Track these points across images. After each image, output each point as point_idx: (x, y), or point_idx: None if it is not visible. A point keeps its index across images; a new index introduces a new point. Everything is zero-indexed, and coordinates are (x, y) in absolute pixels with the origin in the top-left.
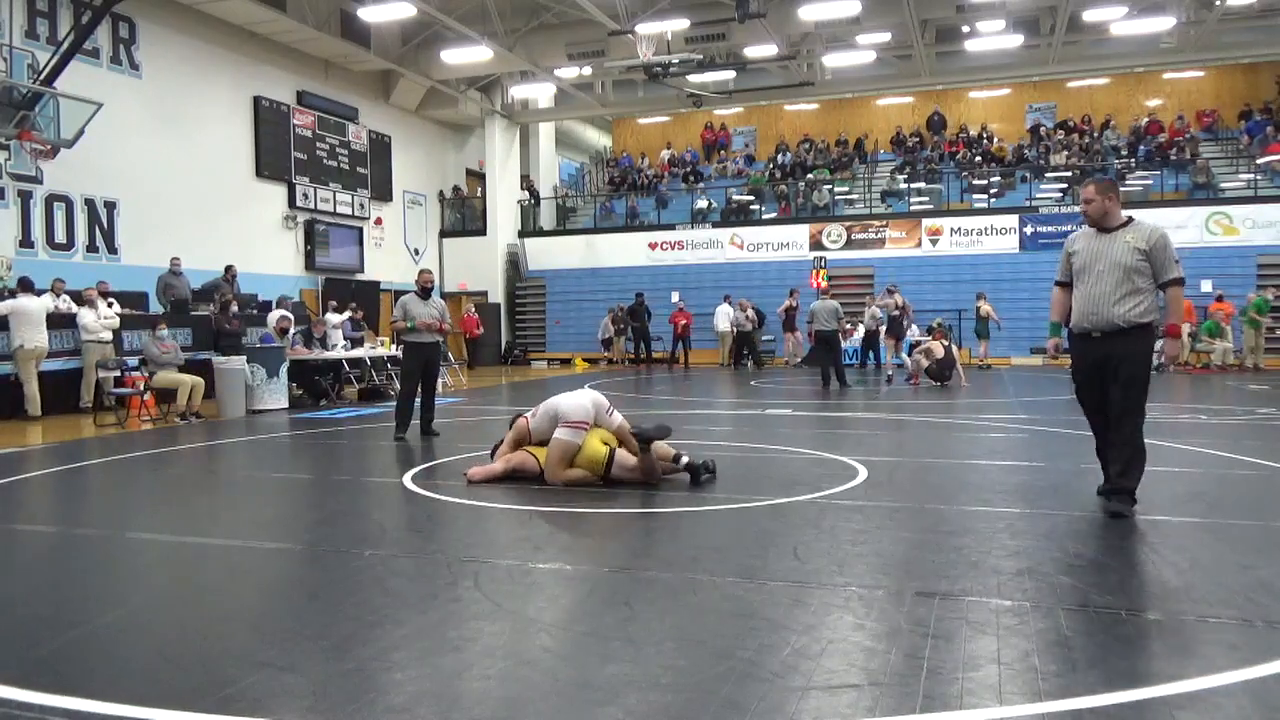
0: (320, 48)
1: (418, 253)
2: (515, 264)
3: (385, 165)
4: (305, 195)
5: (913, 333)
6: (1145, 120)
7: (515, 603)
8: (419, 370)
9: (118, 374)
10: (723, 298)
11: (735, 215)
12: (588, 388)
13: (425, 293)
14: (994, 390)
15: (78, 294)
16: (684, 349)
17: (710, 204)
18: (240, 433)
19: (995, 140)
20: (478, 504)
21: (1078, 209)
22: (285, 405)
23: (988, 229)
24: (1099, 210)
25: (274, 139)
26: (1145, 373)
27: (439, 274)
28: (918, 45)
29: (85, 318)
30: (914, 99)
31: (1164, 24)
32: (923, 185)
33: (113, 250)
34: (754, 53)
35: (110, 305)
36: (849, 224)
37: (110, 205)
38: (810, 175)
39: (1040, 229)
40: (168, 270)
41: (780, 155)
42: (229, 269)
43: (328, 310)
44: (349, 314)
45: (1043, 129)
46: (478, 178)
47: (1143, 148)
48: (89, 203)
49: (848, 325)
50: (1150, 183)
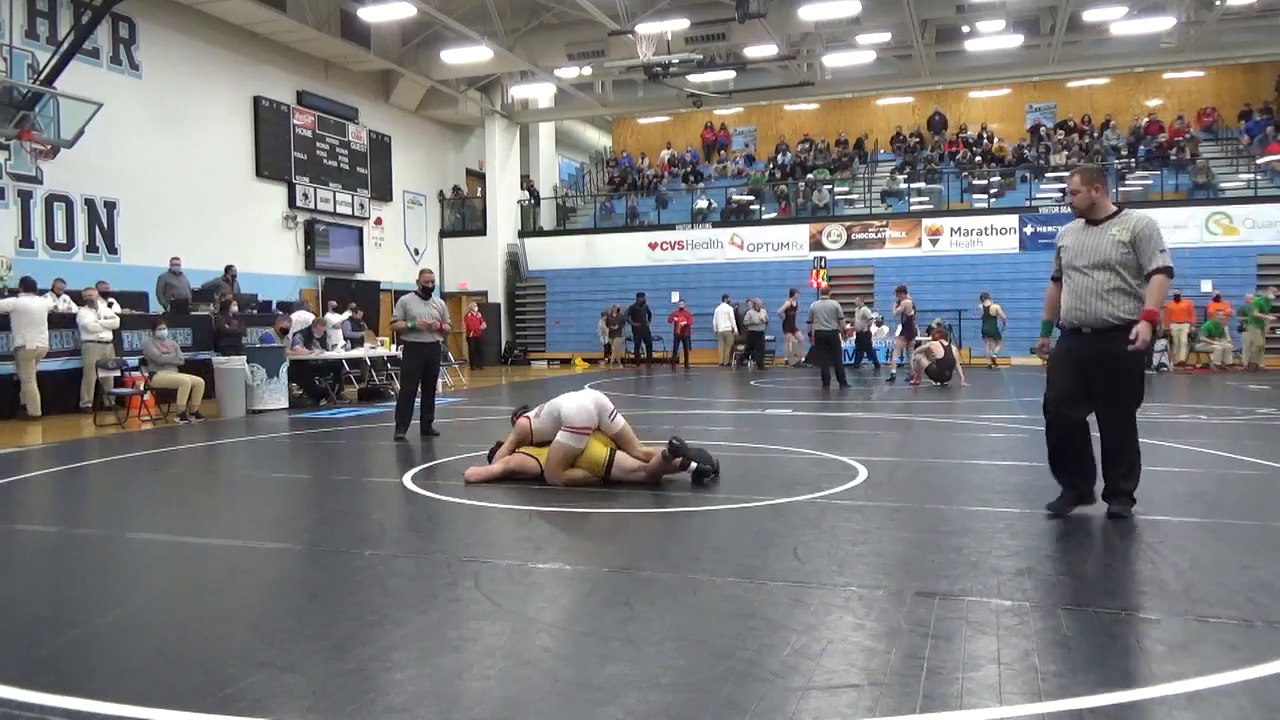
0: (320, 48)
1: (418, 253)
2: (515, 264)
3: (385, 165)
4: (305, 195)
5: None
6: (1145, 120)
7: (515, 603)
8: (419, 370)
9: (118, 374)
10: (721, 298)
11: (735, 215)
12: (589, 388)
13: (426, 293)
14: (994, 390)
15: (78, 294)
16: (684, 349)
17: (710, 204)
18: (240, 433)
19: (995, 140)
20: (478, 504)
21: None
22: (285, 405)
23: (988, 229)
24: (1085, 201)
25: (274, 139)
26: (1138, 372)
27: (439, 274)
28: (918, 45)
29: (85, 318)
30: (914, 99)
31: (1164, 24)
32: (923, 185)
33: (113, 250)
34: (754, 53)
35: (110, 305)
36: (849, 224)
37: (110, 205)
38: (810, 175)
39: (1040, 229)
40: (168, 270)
41: (780, 155)
42: (229, 269)
43: (327, 310)
44: (349, 314)
45: (1043, 129)
46: (478, 178)
47: (1143, 148)
48: (89, 203)
49: (848, 325)
50: (1150, 183)
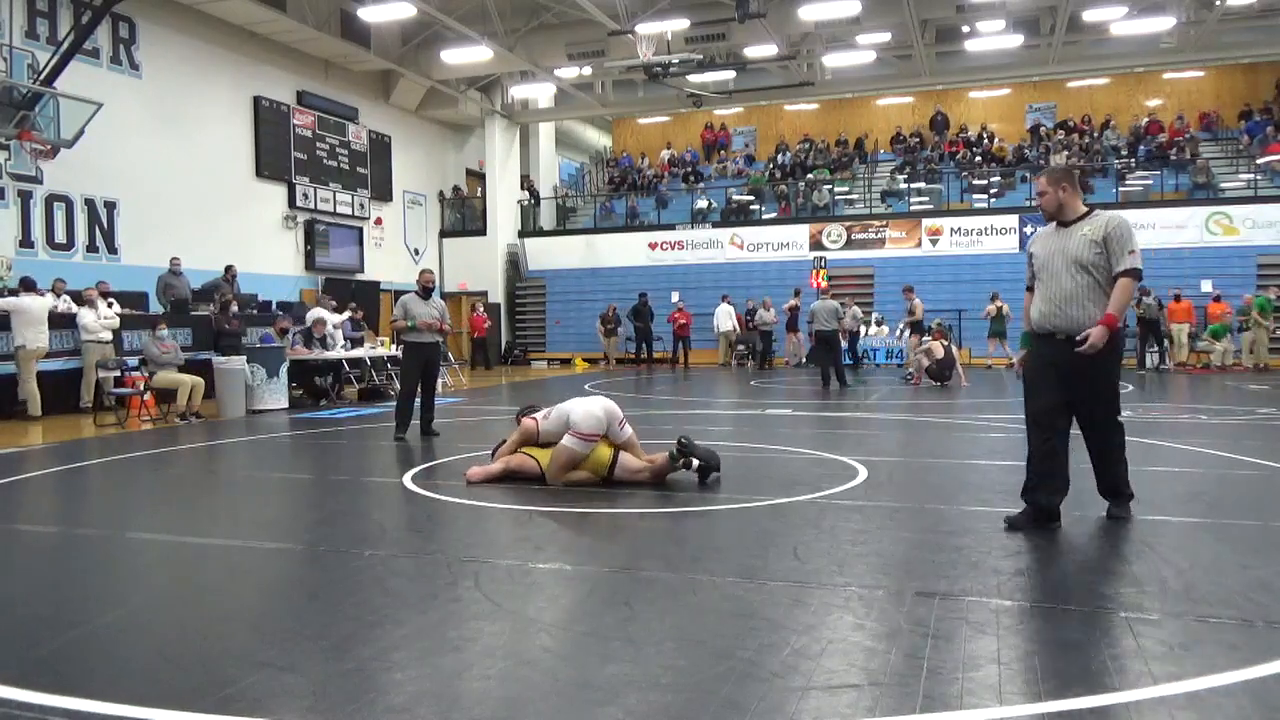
0: (320, 48)
1: (418, 253)
2: (515, 264)
3: (385, 165)
4: (305, 195)
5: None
6: (1145, 120)
7: (515, 603)
8: (419, 370)
9: (118, 374)
10: (721, 298)
11: (735, 215)
12: (600, 396)
13: (426, 292)
14: (994, 390)
15: (78, 294)
16: (684, 349)
17: (710, 204)
18: (240, 433)
19: (995, 140)
20: (478, 504)
21: None
22: (285, 405)
23: (988, 229)
24: (1053, 203)
25: (274, 139)
26: (1115, 376)
27: (439, 274)
28: (918, 45)
29: (85, 318)
30: (914, 99)
31: (1164, 24)
32: (923, 185)
33: (113, 250)
34: (754, 53)
35: (110, 305)
36: (849, 224)
37: (110, 205)
38: (810, 175)
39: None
40: (168, 270)
41: (780, 155)
42: (229, 269)
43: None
44: (349, 314)
45: (1043, 129)
46: (478, 178)
47: (1143, 148)
48: (89, 203)
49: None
50: (1150, 183)
